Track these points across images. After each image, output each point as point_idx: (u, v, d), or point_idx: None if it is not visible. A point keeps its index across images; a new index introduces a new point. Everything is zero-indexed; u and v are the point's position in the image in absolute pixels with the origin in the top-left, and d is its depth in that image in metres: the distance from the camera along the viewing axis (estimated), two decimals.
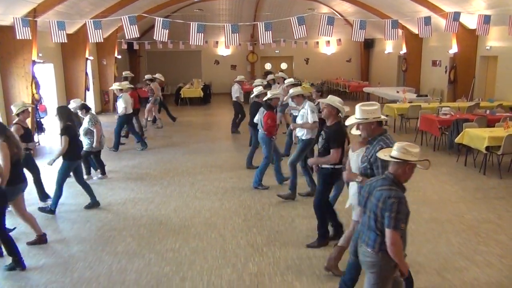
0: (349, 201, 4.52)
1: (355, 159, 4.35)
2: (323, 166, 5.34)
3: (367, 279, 3.48)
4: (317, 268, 4.99)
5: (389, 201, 3.19)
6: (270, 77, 13.56)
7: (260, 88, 9.10)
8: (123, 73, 14.25)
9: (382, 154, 3.47)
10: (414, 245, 5.54)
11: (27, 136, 6.75)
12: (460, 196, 7.42)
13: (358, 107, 4.04)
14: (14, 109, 6.80)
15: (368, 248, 3.37)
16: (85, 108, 8.10)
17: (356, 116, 4.05)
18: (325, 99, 5.29)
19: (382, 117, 4.04)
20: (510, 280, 4.69)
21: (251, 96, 9.24)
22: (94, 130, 7.88)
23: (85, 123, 7.96)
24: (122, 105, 10.59)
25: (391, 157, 3.33)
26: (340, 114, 5.28)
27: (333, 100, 5.22)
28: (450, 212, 6.70)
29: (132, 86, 12.45)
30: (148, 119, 13.94)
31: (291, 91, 7.71)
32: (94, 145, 7.99)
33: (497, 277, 4.78)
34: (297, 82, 10.98)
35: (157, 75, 13.68)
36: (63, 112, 6.75)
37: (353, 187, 4.37)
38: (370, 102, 4.13)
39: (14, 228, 5.93)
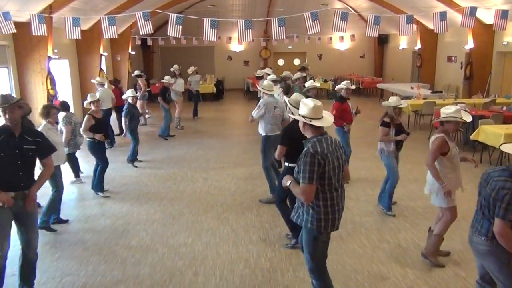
0: (427, 187, 4.82)
1: None
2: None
3: (489, 270, 3.50)
4: (329, 263, 4.97)
5: (502, 192, 3.19)
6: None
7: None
8: (135, 72, 14.37)
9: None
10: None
11: (98, 126, 7.03)
12: (474, 193, 7.29)
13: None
14: (90, 98, 7.13)
15: (482, 236, 3.39)
16: (62, 106, 7.49)
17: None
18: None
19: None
20: None
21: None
22: (64, 130, 7.17)
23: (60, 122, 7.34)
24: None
25: None
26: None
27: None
28: (464, 209, 6.61)
29: (117, 80, 12.71)
30: (147, 116, 14.15)
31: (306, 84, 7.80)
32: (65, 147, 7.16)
33: None
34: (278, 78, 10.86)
35: (166, 78, 13.45)
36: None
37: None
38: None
39: (67, 220, 6.29)
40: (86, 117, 7.14)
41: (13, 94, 10.34)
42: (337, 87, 7.91)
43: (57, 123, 7.78)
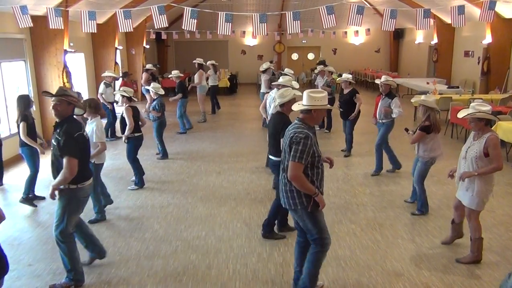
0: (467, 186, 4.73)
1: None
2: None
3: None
4: (343, 259, 4.97)
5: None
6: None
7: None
8: (147, 66, 14.47)
9: None
10: (443, 238, 5.45)
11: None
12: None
13: (306, 93, 3.90)
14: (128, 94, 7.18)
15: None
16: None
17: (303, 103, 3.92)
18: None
19: (328, 105, 3.94)
20: None
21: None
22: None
23: None
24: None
25: None
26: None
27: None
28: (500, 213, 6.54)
29: (127, 73, 12.73)
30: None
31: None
32: None
33: None
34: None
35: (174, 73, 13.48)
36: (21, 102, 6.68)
37: None
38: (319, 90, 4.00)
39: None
40: (125, 111, 7.15)
41: (30, 87, 10.49)
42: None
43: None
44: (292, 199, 3.87)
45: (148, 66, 14.38)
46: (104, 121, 10.57)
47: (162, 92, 8.87)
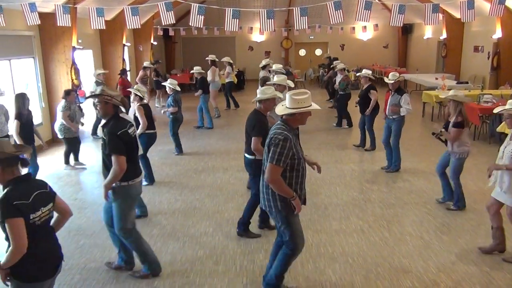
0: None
1: None
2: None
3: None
4: (350, 255, 4.96)
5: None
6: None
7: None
8: (144, 63, 14.56)
9: None
10: (452, 236, 5.43)
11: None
12: None
13: (288, 95, 3.79)
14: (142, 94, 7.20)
15: None
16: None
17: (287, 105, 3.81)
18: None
19: (315, 105, 3.81)
20: None
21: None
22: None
23: None
24: None
25: None
26: None
27: None
28: None
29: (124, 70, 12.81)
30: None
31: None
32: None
33: None
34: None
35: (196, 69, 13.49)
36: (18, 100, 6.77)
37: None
38: (303, 90, 3.86)
39: None
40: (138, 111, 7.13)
41: (39, 84, 10.56)
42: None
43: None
44: (268, 201, 3.85)
45: (146, 63, 14.38)
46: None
47: (178, 88, 8.93)
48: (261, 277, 4.56)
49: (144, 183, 7.41)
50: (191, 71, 12.82)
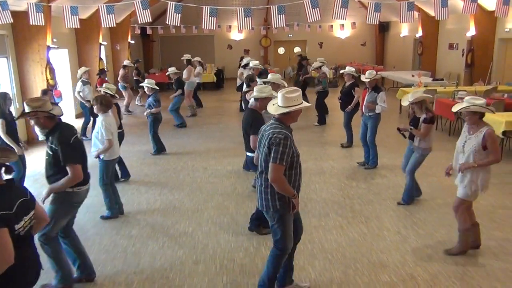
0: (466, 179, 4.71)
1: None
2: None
3: None
4: (329, 252, 5.01)
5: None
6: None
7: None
8: (124, 62, 14.41)
9: None
10: (428, 230, 5.53)
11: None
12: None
13: (281, 94, 3.82)
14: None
15: None
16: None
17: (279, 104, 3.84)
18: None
19: (305, 103, 3.88)
20: None
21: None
22: None
23: None
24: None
25: None
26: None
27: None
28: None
29: (103, 71, 12.71)
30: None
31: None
32: None
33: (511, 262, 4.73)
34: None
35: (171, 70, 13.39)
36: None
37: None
38: (293, 88, 3.91)
39: None
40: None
41: (13, 84, 10.33)
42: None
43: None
44: (266, 201, 3.85)
45: (126, 62, 14.23)
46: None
47: (157, 87, 8.88)
48: (241, 275, 4.58)
49: (122, 179, 7.38)
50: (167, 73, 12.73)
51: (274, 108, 3.86)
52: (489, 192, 6.71)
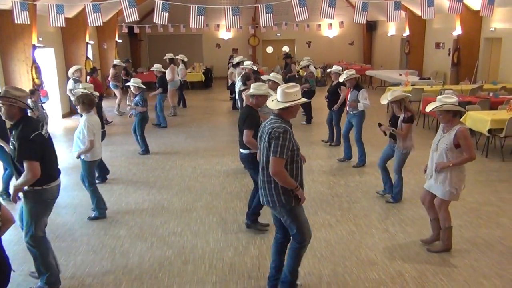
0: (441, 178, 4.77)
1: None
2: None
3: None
4: (318, 250, 5.02)
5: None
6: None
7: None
8: (114, 61, 14.27)
9: None
10: (415, 227, 5.57)
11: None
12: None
13: (281, 89, 3.88)
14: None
15: None
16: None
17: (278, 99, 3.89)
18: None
19: (303, 99, 3.97)
20: (511, 261, 4.71)
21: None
22: None
23: None
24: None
25: None
26: None
27: None
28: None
29: (94, 69, 12.64)
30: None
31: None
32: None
33: (497, 259, 4.80)
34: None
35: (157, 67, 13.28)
36: None
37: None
38: (293, 84, 3.98)
39: None
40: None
41: None
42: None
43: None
44: (271, 197, 3.86)
45: (116, 61, 14.12)
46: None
47: (143, 86, 8.88)
48: (230, 274, 4.57)
49: (97, 181, 7.26)
50: (151, 69, 12.66)
51: (274, 103, 3.91)
52: (475, 190, 6.84)
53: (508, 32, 12.96)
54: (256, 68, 10.82)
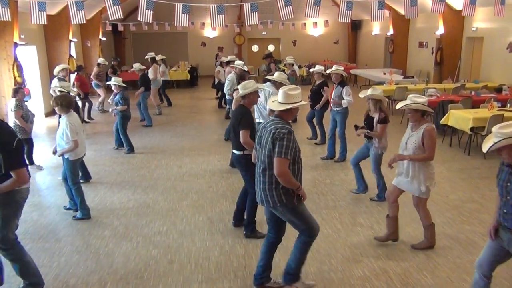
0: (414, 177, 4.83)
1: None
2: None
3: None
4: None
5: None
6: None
7: None
8: (98, 59, 14.10)
9: None
10: (399, 225, 5.62)
11: None
12: (444, 176, 7.52)
13: (283, 91, 3.92)
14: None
15: None
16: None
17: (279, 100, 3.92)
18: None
19: (304, 102, 4.02)
20: None
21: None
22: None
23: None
24: None
25: None
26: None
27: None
28: (434, 192, 6.76)
29: (81, 67, 12.53)
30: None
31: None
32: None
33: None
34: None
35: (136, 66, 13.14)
36: None
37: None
38: (294, 86, 4.03)
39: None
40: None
41: None
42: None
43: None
44: (272, 197, 3.86)
45: (100, 60, 13.93)
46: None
47: (124, 85, 8.82)
48: (216, 273, 4.56)
49: (81, 180, 7.15)
50: (126, 69, 12.61)
51: (275, 104, 3.92)
52: (458, 187, 6.95)
53: (489, 32, 13.18)
54: (247, 69, 10.82)
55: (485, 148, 3.35)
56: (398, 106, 4.99)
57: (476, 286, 3.69)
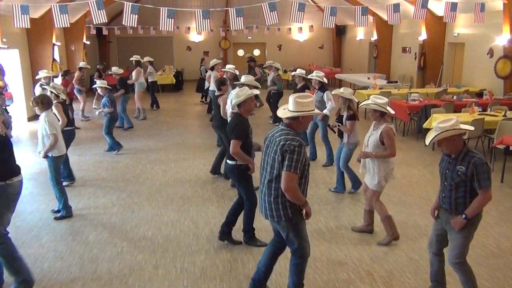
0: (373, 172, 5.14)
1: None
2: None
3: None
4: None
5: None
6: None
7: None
8: (80, 63, 13.98)
9: None
10: (382, 228, 5.69)
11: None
12: (427, 179, 7.64)
13: (292, 98, 3.73)
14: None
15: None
16: None
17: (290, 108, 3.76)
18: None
19: (317, 110, 3.88)
20: (475, 260, 4.87)
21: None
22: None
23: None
24: None
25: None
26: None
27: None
28: (418, 195, 6.91)
29: (68, 72, 12.48)
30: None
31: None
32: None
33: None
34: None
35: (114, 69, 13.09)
36: None
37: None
38: (305, 94, 3.92)
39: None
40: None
41: None
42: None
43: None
44: (277, 211, 3.70)
45: (81, 64, 13.79)
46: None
47: (109, 87, 8.90)
48: (202, 278, 4.56)
49: (65, 183, 7.06)
50: (110, 72, 12.58)
51: (283, 112, 3.75)
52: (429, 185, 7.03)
53: (470, 38, 13.45)
54: (238, 73, 10.81)
55: (427, 141, 3.84)
56: (360, 105, 5.32)
57: (431, 264, 4.13)
